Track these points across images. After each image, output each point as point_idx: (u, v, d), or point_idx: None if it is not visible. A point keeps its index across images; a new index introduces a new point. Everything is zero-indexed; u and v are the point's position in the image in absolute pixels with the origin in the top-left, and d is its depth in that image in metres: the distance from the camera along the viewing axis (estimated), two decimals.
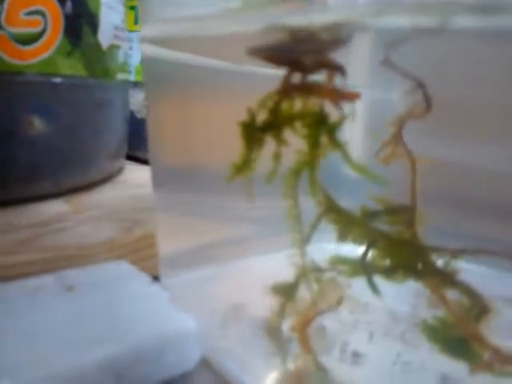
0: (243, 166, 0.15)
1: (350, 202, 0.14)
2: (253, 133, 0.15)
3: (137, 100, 0.37)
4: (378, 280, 0.14)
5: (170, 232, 0.19)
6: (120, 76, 0.29)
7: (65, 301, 0.16)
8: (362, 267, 0.14)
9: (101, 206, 0.25)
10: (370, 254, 0.14)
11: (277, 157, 0.14)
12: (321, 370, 0.14)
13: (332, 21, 0.13)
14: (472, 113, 0.13)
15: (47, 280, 0.17)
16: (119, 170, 0.33)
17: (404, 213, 0.14)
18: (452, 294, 0.13)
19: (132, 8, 0.36)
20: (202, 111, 0.17)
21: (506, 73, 0.12)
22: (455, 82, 0.13)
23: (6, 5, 0.21)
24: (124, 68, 0.31)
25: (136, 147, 0.37)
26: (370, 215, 0.14)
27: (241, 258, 0.19)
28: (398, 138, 0.14)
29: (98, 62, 0.26)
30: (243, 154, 0.15)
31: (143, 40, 0.18)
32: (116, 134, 0.30)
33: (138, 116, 0.37)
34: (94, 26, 0.25)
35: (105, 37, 0.26)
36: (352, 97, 0.13)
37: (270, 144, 0.14)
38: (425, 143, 0.13)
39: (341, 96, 0.13)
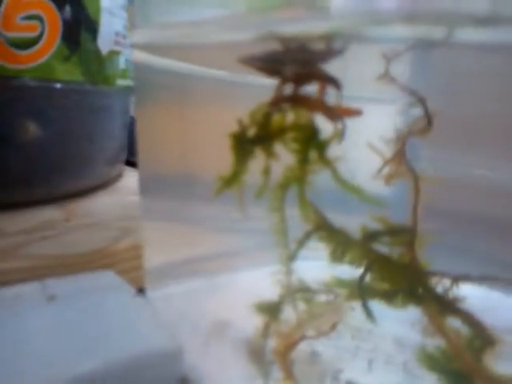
0: (232, 179, 0.15)
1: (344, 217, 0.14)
2: (243, 145, 0.14)
3: None
4: (379, 304, 0.13)
5: (156, 242, 0.19)
6: (120, 82, 0.29)
7: (45, 311, 0.15)
8: (359, 291, 0.13)
9: (93, 213, 0.24)
10: (368, 276, 0.13)
11: (266, 171, 0.13)
12: None
13: (328, 30, 0.13)
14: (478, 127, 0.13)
15: (29, 288, 0.17)
16: (117, 176, 0.33)
17: (404, 234, 0.13)
18: (453, 323, 0.12)
19: None
20: (192, 118, 0.17)
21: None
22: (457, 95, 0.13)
23: (2, 9, 0.20)
24: (125, 74, 0.30)
25: (136, 153, 0.36)
26: (370, 236, 0.13)
27: (228, 272, 0.18)
28: (401, 155, 0.13)
29: (97, 68, 0.26)
30: (233, 167, 0.14)
31: (134, 46, 0.17)
32: (114, 140, 0.29)
33: None
34: (93, 31, 0.25)
35: (105, 43, 0.26)
36: (350, 113, 0.12)
37: (260, 156, 0.14)
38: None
39: (336, 111, 0.12)
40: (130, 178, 0.34)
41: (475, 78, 0.13)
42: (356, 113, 0.12)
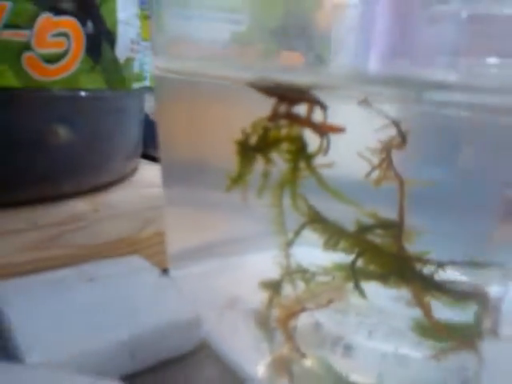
0: (238, 179, 0.18)
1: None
2: (246, 151, 0.17)
3: (151, 104, 0.40)
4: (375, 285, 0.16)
5: (177, 228, 0.22)
6: (136, 85, 0.32)
7: (86, 291, 0.19)
8: (351, 273, 0.16)
9: (117, 205, 0.27)
10: (361, 262, 0.16)
11: (265, 175, 0.16)
12: (301, 356, 0.16)
13: (310, 83, 0.15)
14: None
15: (70, 272, 0.20)
16: (134, 170, 0.36)
17: (393, 227, 0.16)
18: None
19: (147, 18, 0.39)
20: (206, 115, 0.20)
21: None
22: None
23: (35, 28, 0.23)
24: (139, 77, 0.33)
25: (150, 146, 0.39)
26: (363, 228, 0.16)
27: (238, 255, 0.21)
28: (388, 162, 0.16)
29: (116, 74, 0.29)
30: (238, 169, 0.17)
31: (156, 68, 0.20)
32: (131, 137, 0.32)
33: (152, 118, 0.40)
34: (111, 42, 0.28)
35: (122, 51, 0.29)
36: (333, 130, 0.15)
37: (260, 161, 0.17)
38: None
39: (322, 128, 0.15)
40: (145, 171, 0.37)
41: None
42: (339, 130, 0.14)
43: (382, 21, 0.16)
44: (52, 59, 0.24)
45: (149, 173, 0.37)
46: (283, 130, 0.15)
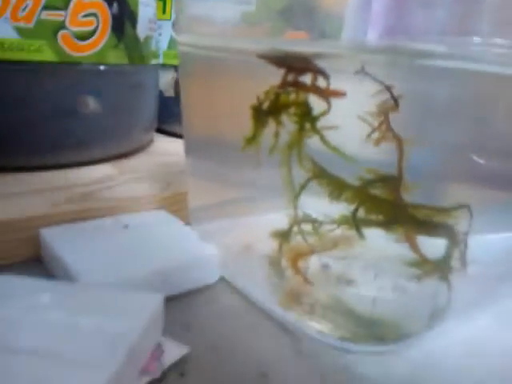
0: (252, 140, 0.21)
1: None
2: (259, 115, 0.20)
3: (164, 80, 0.42)
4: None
5: (198, 189, 0.25)
6: (153, 61, 0.35)
7: (123, 234, 0.22)
8: (352, 220, 0.19)
9: (139, 169, 0.31)
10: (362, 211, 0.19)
11: (276, 135, 0.19)
12: (308, 284, 0.20)
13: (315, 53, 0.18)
14: None
15: (106, 221, 0.23)
16: (150, 141, 0.39)
17: (392, 181, 0.19)
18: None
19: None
20: (224, 95, 0.23)
21: None
22: None
23: (69, 10, 0.26)
24: (156, 54, 0.36)
25: (163, 121, 0.42)
26: (366, 182, 0.19)
27: (251, 215, 0.24)
28: (386, 124, 0.19)
29: (137, 51, 0.31)
30: (252, 130, 0.21)
31: (180, 43, 0.23)
32: (149, 110, 0.35)
33: (166, 94, 0.43)
34: (133, 21, 0.31)
35: (142, 30, 0.32)
36: (334, 95, 0.18)
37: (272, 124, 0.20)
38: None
39: (325, 93, 0.18)
40: (160, 143, 0.40)
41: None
42: (341, 94, 0.17)
43: (379, 2, 0.19)
44: (83, 37, 0.27)
45: (163, 145, 0.40)
46: (291, 96, 0.18)
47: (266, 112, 0.20)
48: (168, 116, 0.42)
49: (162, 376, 0.15)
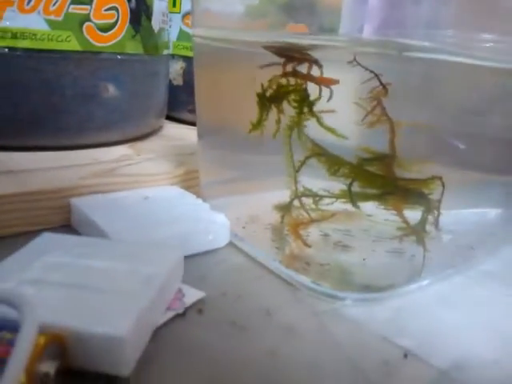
0: (257, 124, 0.24)
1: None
2: (264, 102, 0.23)
3: (173, 70, 0.45)
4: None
5: (208, 169, 0.28)
6: (165, 52, 0.38)
7: (144, 204, 0.25)
8: (348, 193, 0.22)
9: (154, 150, 0.34)
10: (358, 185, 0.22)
11: (278, 121, 0.22)
12: (305, 245, 0.23)
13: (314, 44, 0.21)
14: None
15: (128, 194, 0.26)
16: (161, 127, 0.42)
17: (386, 159, 0.22)
18: None
19: None
20: (233, 83, 0.26)
21: None
22: None
23: (94, 4, 0.29)
24: (167, 45, 0.39)
25: (172, 109, 0.45)
26: (362, 160, 0.22)
27: (255, 192, 0.27)
28: (381, 108, 0.22)
29: (151, 42, 0.34)
30: (258, 116, 0.23)
31: (194, 35, 0.26)
32: (161, 97, 0.38)
33: (174, 83, 0.45)
34: (149, 14, 0.34)
35: (156, 22, 0.35)
36: (328, 82, 0.21)
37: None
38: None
39: (319, 80, 0.21)
40: (169, 129, 0.43)
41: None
42: (333, 81, 0.20)
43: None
44: (105, 28, 0.30)
45: (172, 130, 0.43)
46: (291, 83, 0.21)
47: (269, 99, 0.23)
48: (176, 104, 0.45)
49: (184, 312, 0.18)
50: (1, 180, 0.25)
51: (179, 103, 0.45)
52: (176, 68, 0.45)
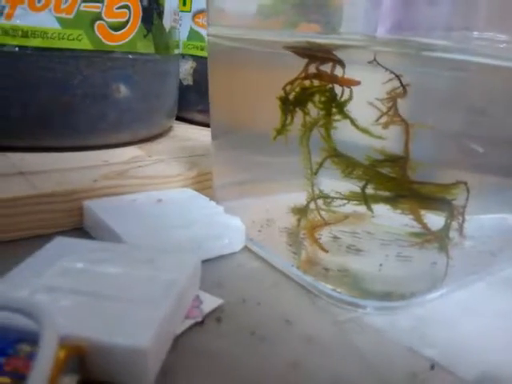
0: (281, 130, 0.23)
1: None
2: (287, 106, 0.22)
3: (183, 70, 0.45)
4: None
5: (222, 170, 0.27)
6: (175, 51, 0.37)
7: (158, 208, 0.24)
8: (362, 195, 0.22)
9: (166, 151, 0.33)
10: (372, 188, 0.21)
11: (303, 124, 0.22)
12: (322, 250, 0.22)
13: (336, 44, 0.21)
14: None
15: (140, 196, 0.26)
16: (171, 127, 0.41)
17: (399, 160, 0.21)
18: None
19: None
20: (248, 84, 0.25)
21: None
22: None
23: (105, 2, 0.28)
24: (177, 44, 0.38)
25: (182, 109, 0.45)
26: (376, 161, 0.21)
27: (269, 194, 0.27)
28: (394, 109, 0.21)
29: (162, 41, 0.34)
30: (281, 121, 0.23)
31: (209, 35, 0.25)
32: (172, 97, 0.38)
33: (184, 83, 0.45)
34: (160, 13, 0.33)
35: (167, 21, 0.34)
36: (350, 83, 0.20)
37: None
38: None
39: (340, 81, 0.20)
40: (179, 129, 0.43)
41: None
42: (356, 82, 0.20)
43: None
44: (116, 27, 0.30)
45: (182, 131, 0.43)
46: (316, 85, 0.21)
47: (292, 102, 0.22)
48: (186, 104, 0.45)
49: (203, 320, 0.17)
50: (12, 182, 0.25)
51: (189, 103, 0.45)
52: (186, 68, 0.45)
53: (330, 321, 0.18)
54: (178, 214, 0.24)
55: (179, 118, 0.45)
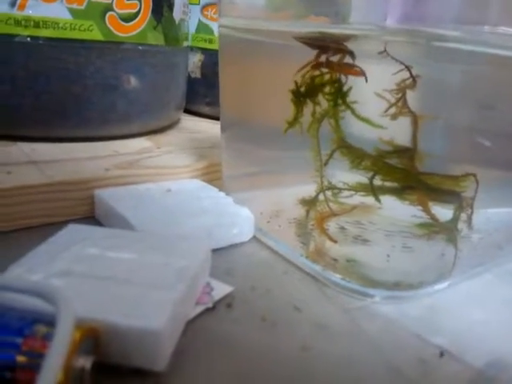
0: (293, 122, 0.23)
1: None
2: (298, 98, 0.23)
3: (191, 62, 0.45)
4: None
5: (231, 162, 0.28)
6: (184, 44, 0.37)
7: (168, 197, 0.25)
8: (370, 186, 0.22)
9: (174, 143, 0.33)
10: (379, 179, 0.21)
11: (313, 114, 0.22)
12: (331, 240, 0.22)
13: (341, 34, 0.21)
14: None
15: (151, 186, 0.26)
16: (178, 120, 0.42)
17: (407, 152, 0.21)
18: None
19: None
20: (258, 76, 0.26)
21: None
22: None
23: None
24: (187, 37, 0.38)
25: (190, 102, 0.45)
26: (384, 152, 0.21)
27: (278, 186, 0.27)
28: (403, 100, 0.21)
29: (172, 33, 0.34)
30: (293, 113, 0.23)
31: (221, 25, 0.26)
32: (181, 89, 0.38)
33: (192, 76, 0.45)
34: (170, 5, 0.33)
35: (177, 13, 0.34)
36: (354, 73, 0.21)
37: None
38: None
39: (347, 71, 0.20)
40: (187, 122, 0.43)
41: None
42: (358, 72, 0.20)
43: None
44: (127, 18, 0.30)
45: (190, 123, 0.43)
46: (326, 76, 0.21)
47: (303, 94, 0.22)
48: (194, 97, 0.45)
49: (214, 306, 0.17)
50: (23, 170, 0.25)
51: (197, 96, 0.45)
52: (194, 61, 0.45)
53: (339, 308, 0.18)
54: (187, 204, 0.24)
55: (187, 111, 0.45)
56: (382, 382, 0.14)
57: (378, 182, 0.21)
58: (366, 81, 0.20)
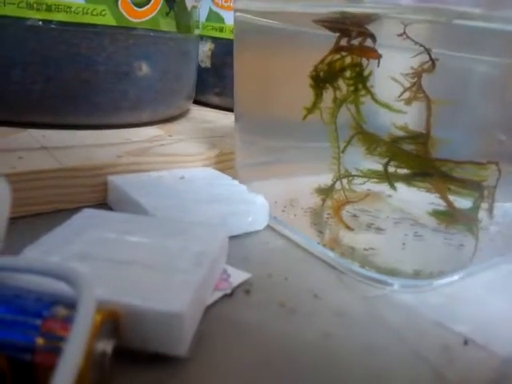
0: (313, 108, 0.23)
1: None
2: (318, 83, 0.22)
3: (201, 51, 0.44)
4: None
5: (245, 151, 0.27)
6: (196, 31, 0.37)
7: (181, 184, 0.24)
8: (384, 173, 0.21)
9: (185, 132, 0.33)
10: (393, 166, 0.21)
11: (334, 100, 0.21)
12: (348, 229, 0.22)
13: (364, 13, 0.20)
14: None
15: (166, 173, 0.26)
16: (188, 110, 0.41)
17: (420, 137, 0.21)
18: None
19: None
20: (275, 63, 0.25)
21: None
22: None
23: None
24: (198, 25, 0.38)
25: (199, 92, 0.44)
26: (396, 139, 0.21)
27: (291, 176, 0.26)
28: (418, 85, 0.21)
29: (184, 20, 0.33)
30: (313, 99, 0.22)
31: (236, 10, 0.25)
32: (191, 78, 0.38)
33: (202, 65, 0.44)
34: None
35: (189, 0, 0.34)
36: (375, 56, 0.20)
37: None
38: None
39: (369, 54, 0.20)
40: (196, 112, 0.43)
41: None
42: (375, 55, 0.19)
43: None
44: (140, 3, 0.29)
45: (200, 113, 0.42)
46: (346, 60, 0.20)
47: (323, 79, 0.22)
48: (204, 87, 0.44)
49: (232, 292, 0.17)
50: (35, 156, 0.25)
51: (206, 86, 0.44)
52: (204, 50, 0.44)
53: (358, 296, 0.18)
54: (201, 191, 0.24)
55: (195, 101, 0.45)
56: (408, 369, 0.14)
57: (392, 169, 0.21)
58: (378, 65, 0.20)
